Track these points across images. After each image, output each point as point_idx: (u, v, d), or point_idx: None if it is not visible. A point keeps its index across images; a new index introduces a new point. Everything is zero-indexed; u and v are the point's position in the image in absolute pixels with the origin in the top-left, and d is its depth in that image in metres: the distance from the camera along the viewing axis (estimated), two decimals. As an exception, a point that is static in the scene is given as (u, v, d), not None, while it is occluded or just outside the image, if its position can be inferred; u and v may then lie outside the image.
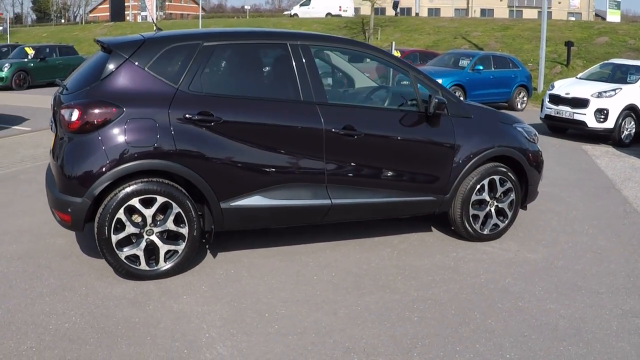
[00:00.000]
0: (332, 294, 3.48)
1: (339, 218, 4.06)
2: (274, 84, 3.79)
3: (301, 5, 37.69)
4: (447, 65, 13.84)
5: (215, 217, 3.60)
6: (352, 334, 3.00)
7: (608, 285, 3.81)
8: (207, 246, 4.07)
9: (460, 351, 2.89)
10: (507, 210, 4.57)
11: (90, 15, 74.39)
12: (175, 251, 3.52)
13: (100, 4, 73.45)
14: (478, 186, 4.37)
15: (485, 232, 4.50)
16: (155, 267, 3.48)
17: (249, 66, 3.80)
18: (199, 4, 46.55)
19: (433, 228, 4.81)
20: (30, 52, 18.34)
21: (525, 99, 14.27)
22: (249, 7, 69.32)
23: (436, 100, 3.98)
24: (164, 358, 2.70)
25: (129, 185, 3.34)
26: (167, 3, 72.77)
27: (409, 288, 3.62)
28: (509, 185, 4.51)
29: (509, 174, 4.48)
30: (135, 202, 3.35)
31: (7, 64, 17.34)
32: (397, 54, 15.27)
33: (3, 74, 17.01)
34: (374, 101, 4.14)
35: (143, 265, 3.44)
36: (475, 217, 4.45)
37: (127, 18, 55.47)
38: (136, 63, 3.44)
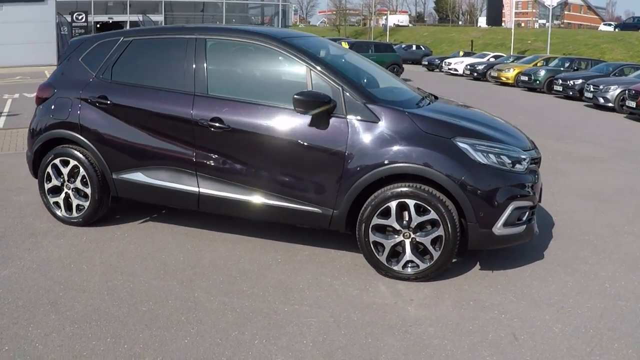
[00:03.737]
0: (147, 275, 3.64)
1: (214, 209, 4.09)
2: (168, 74, 4.08)
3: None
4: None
5: (109, 185, 4.28)
6: (71, 306, 3.24)
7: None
8: (154, 214, 4.78)
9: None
10: (429, 248, 3.57)
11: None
12: (83, 206, 4.38)
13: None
14: (382, 208, 3.59)
15: (396, 268, 3.65)
16: (70, 215, 4.44)
17: (153, 58, 4.22)
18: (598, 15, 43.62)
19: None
20: (345, 46, 21.34)
21: None
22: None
23: (295, 97, 3.53)
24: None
25: (56, 148, 4.38)
26: (565, 12, 69.45)
27: (211, 293, 3.43)
28: (433, 216, 3.51)
29: (436, 203, 3.48)
30: (57, 162, 4.37)
31: None
32: None
33: None
34: (263, 96, 3.87)
35: (63, 212, 4.44)
36: (378, 245, 3.67)
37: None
38: (76, 55, 4.42)
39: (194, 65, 3.99)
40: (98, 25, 33.82)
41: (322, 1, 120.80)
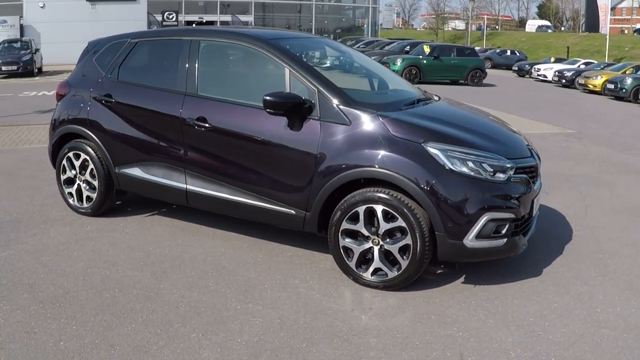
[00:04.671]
0: (127, 265, 3.83)
1: (202, 206, 4.19)
2: (165, 75, 4.23)
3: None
4: None
5: (113, 178, 4.53)
6: (45, 288, 3.51)
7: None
8: (177, 205, 5.00)
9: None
10: (397, 257, 3.44)
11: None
12: (92, 197, 4.67)
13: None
14: (350, 212, 3.51)
15: (364, 275, 3.55)
16: (81, 205, 4.75)
17: (154, 59, 4.42)
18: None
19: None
20: (427, 49, 20.87)
21: None
22: None
23: (264, 98, 3.53)
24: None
25: (70, 142, 4.71)
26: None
27: (176, 286, 3.54)
28: (400, 223, 3.38)
29: (403, 210, 3.35)
30: (70, 154, 4.69)
31: (399, 59, 20.33)
32: None
33: (396, 67, 20.01)
34: (244, 96, 3.90)
35: (75, 201, 4.76)
36: (349, 250, 3.59)
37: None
38: (91, 56, 4.73)
39: (187, 66, 4.13)
40: (193, 25, 35.37)
41: (424, 5, 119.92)
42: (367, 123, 3.50)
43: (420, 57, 20.80)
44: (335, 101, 3.60)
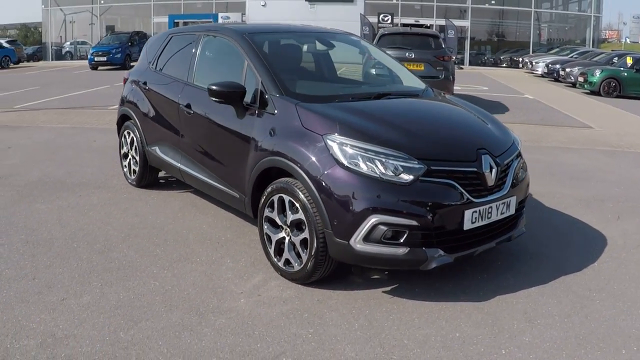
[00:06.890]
0: (116, 226, 4.49)
1: (190, 183, 4.62)
2: (178, 65, 4.73)
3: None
4: None
5: (146, 155, 5.24)
6: (37, 232, 4.31)
7: None
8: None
9: None
10: (299, 250, 3.40)
11: None
12: (136, 171, 5.48)
13: None
14: (269, 200, 3.58)
15: (279, 264, 3.59)
16: (130, 177, 5.58)
17: (176, 51, 4.94)
18: None
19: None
20: (629, 61, 17.97)
21: None
22: None
23: (208, 86, 3.78)
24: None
25: (126, 122, 5.58)
26: None
27: (131, 247, 4.06)
28: (301, 216, 3.34)
29: (302, 201, 3.29)
30: (125, 132, 5.58)
31: (598, 70, 17.89)
32: None
33: (594, 79, 17.66)
34: None
35: (127, 173, 5.63)
36: (269, 237, 3.65)
37: None
38: (146, 48, 5.52)
39: (190, 58, 4.61)
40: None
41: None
42: (286, 113, 3.50)
43: (622, 69, 18.12)
44: (271, 91, 3.67)
